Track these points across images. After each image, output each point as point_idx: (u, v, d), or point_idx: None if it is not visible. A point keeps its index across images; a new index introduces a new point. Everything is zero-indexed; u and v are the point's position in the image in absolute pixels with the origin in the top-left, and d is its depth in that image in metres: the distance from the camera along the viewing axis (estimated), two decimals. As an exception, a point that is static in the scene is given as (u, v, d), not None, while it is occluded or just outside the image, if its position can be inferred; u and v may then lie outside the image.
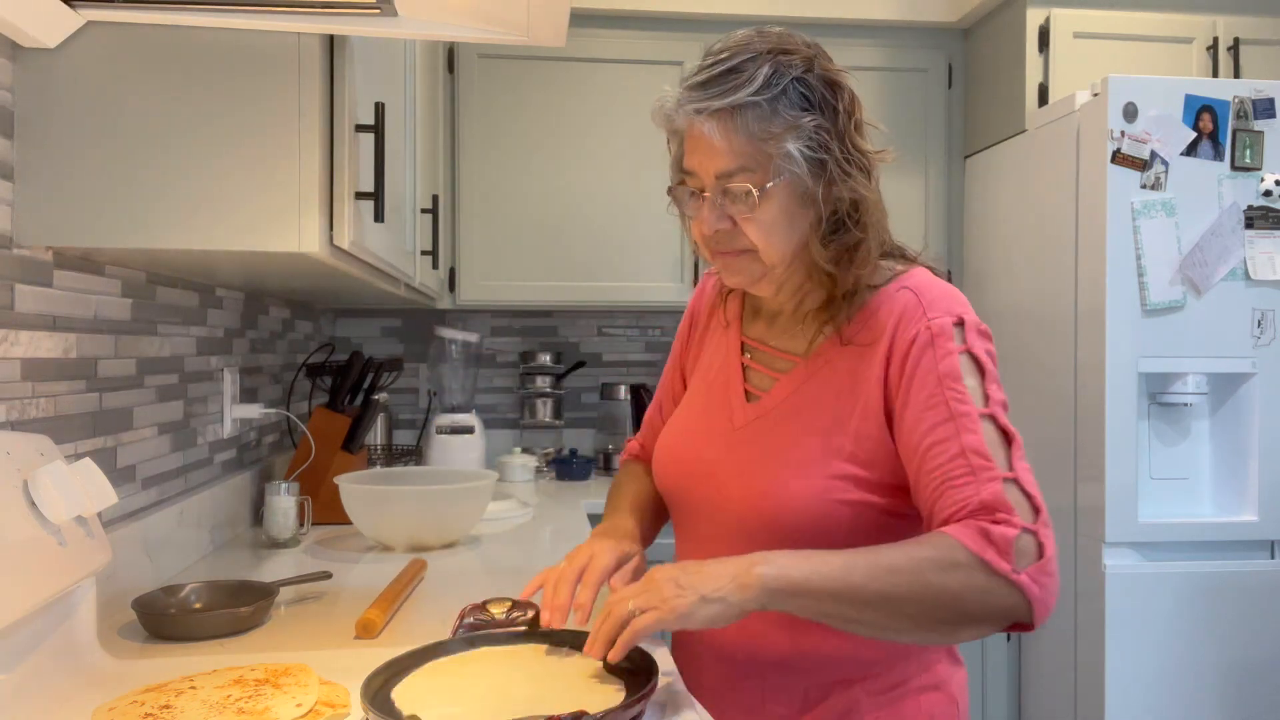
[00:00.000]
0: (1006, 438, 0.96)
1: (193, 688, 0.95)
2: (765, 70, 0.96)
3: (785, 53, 0.99)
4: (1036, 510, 0.92)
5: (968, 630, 0.92)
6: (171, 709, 0.90)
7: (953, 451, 0.94)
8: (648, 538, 1.21)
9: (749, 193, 0.98)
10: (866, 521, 1.01)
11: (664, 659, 1.03)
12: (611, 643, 0.91)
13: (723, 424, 1.12)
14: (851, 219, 1.01)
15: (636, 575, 1.09)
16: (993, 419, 0.96)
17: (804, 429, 1.04)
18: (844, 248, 1.02)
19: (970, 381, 0.98)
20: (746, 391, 1.13)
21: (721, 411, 1.13)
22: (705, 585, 0.89)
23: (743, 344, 1.16)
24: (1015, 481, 0.93)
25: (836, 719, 1.06)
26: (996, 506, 0.91)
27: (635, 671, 0.98)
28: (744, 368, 1.14)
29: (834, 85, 1.00)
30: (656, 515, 1.25)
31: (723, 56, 0.99)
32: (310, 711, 0.90)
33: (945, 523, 0.93)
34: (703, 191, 1.02)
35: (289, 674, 0.99)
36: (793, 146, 0.97)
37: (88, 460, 1.05)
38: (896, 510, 1.02)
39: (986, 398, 0.97)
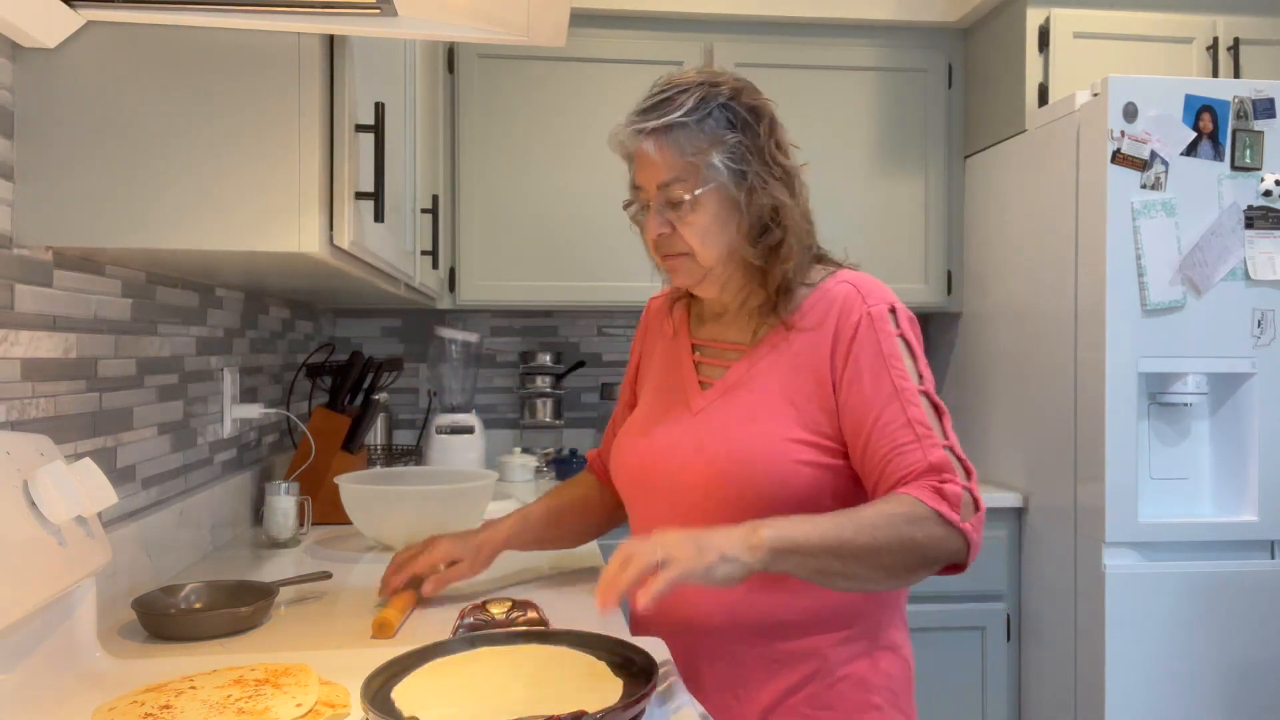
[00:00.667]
0: (938, 410, 1.13)
1: (192, 687, 0.95)
2: (694, 97, 1.15)
3: (714, 84, 1.17)
4: (969, 472, 1.10)
5: (923, 573, 1.07)
6: (171, 709, 0.90)
7: (900, 422, 1.10)
8: (512, 543, 1.41)
9: (682, 200, 1.15)
10: (823, 483, 1.14)
11: (664, 658, 1.03)
12: (621, 591, 0.95)
13: (680, 412, 1.25)
14: (774, 222, 1.17)
15: (437, 585, 1.34)
16: (926, 394, 1.13)
17: (759, 401, 1.17)
18: (769, 246, 1.17)
19: (907, 362, 1.14)
20: (700, 382, 1.26)
21: (678, 403, 1.26)
22: (723, 545, 0.97)
23: (693, 345, 1.30)
24: (950, 448, 1.10)
25: (805, 678, 1.17)
26: (942, 468, 1.08)
27: (635, 671, 0.98)
28: (696, 364, 1.28)
29: (755, 110, 1.18)
30: (548, 525, 1.44)
31: (661, 88, 1.19)
32: (310, 711, 0.90)
33: (900, 482, 1.08)
34: (648, 204, 1.19)
35: (289, 674, 0.99)
36: (717, 159, 1.14)
37: (88, 460, 1.05)
38: (845, 472, 1.16)
39: (920, 375, 1.14)
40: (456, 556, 1.36)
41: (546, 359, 2.94)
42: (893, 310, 1.17)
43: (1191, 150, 2.19)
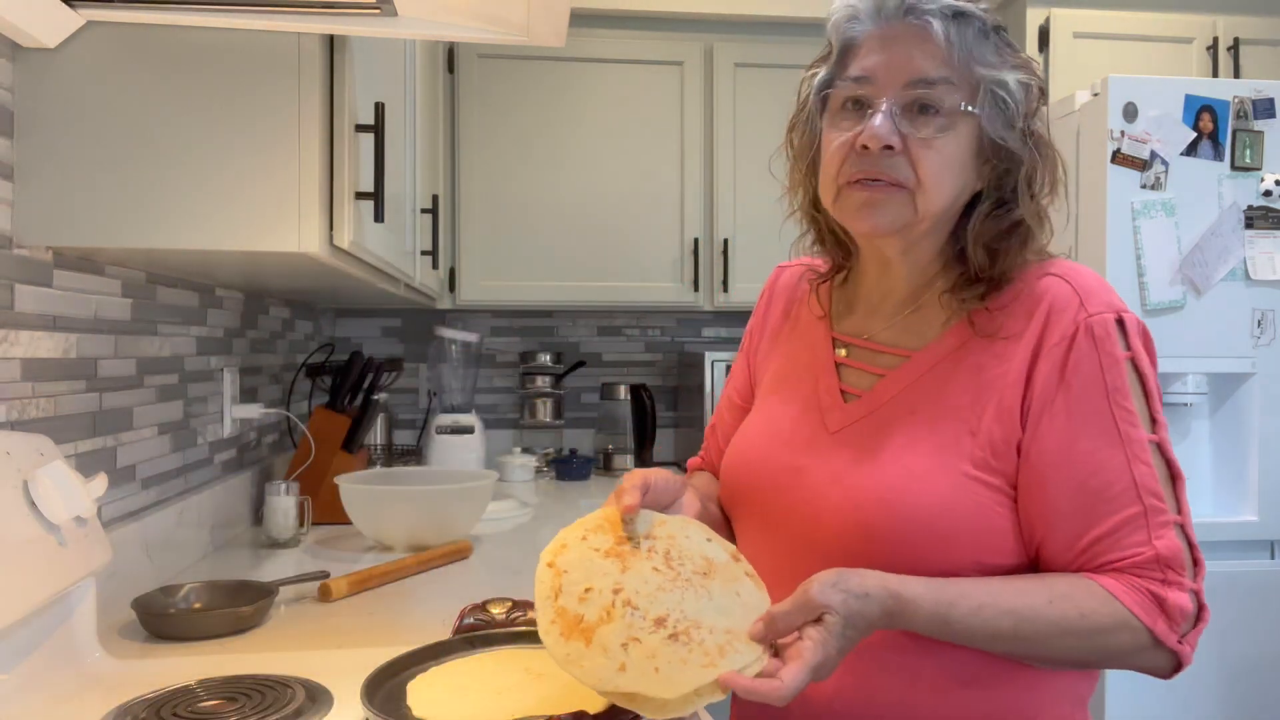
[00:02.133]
0: (1172, 472, 0.86)
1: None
2: (984, 4, 0.90)
3: (990, 11, 0.92)
4: (1197, 564, 0.84)
5: (1120, 667, 0.86)
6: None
7: (1122, 486, 0.83)
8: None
9: (940, 110, 0.86)
10: (995, 537, 0.86)
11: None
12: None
13: (813, 427, 0.96)
14: (1028, 193, 0.90)
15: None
16: (1160, 448, 0.86)
17: (921, 430, 0.89)
18: (999, 233, 0.90)
19: (1137, 401, 0.86)
20: (843, 392, 0.97)
21: (811, 414, 0.97)
22: (848, 650, 0.77)
23: (834, 340, 1.00)
24: (1182, 528, 0.84)
25: None
26: (1170, 563, 0.82)
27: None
28: (838, 367, 0.99)
29: (1030, 69, 0.92)
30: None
31: None
32: None
33: (1109, 566, 0.84)
34: (876, 103, 0.88)
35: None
36: (1011, 78, 0.87)
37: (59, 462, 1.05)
38: (1011, 513, 0.87)
39: (1154, 421, 0.86)
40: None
41: (546, 359, 2.94)
42: (1120, 322, 0.88)
43: (1191, 150, 2.19)
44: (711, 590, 0.82)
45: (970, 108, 0.87)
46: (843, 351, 0.99)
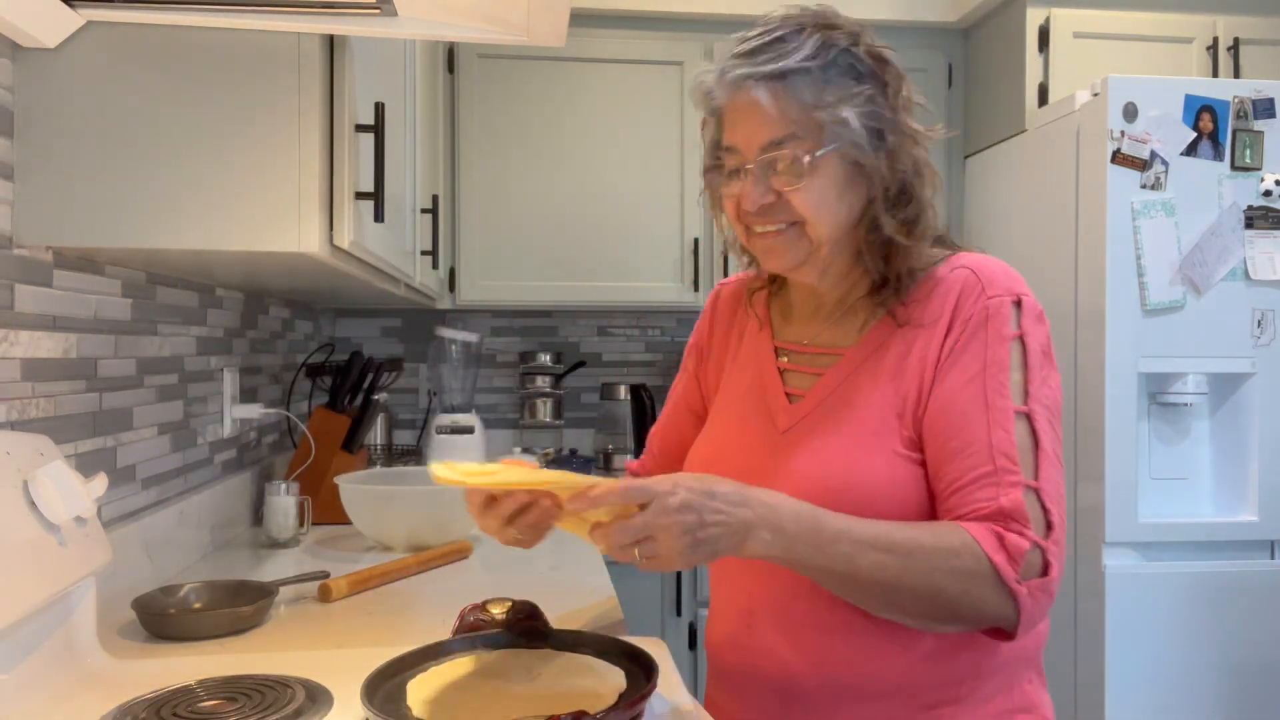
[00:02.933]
0: (1036, 440, 0.92)
1: None
2: (813, 40, 0.95)
3: (830, 26, 0.97)
4: (1050, 526, 0.91)
5: (951, 626, 0.93)
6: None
7: (980, 446, 0.91)
8: None
9: (798, 161, 0.94)
10: (930, 509, 0.96)
11: (663, 658, 1.03)
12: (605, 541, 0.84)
13: (764, 429, 1.05)
14: (910, 192, 0.98)
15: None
16: (1028, 418, 0.93)
17: (856, 419, 0.98)
18: (907, 221, 0.98)
19: (1014, 375, 0.94)
20: (788, 394, 1.05)
21: (761, 419, 1.06)
22: (717, 543, 0.83)
23: (776, 349, 1.10)
24: (1036, 492, 0.91)
25: None
26: (1014, 516, 0.89)
27: (635, 671, 0.98)
28: (781, 372, 1.07)
29: (880, 59, 0.98)
30: None
31: (769, 28, 0.97)
32: None
33: (960, 520, 0.91)
34: (745, 168, 0.98)
35: None
36: (849, 113, 0.94)
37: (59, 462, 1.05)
38: None
39: (1026, 394, 0.93)
40: None
41: (546, 359, 2.94)
42: (1017, 304, 0.96)
43: (1191, 150, 2.19)
44: None
45: (819, 152, 0.95)
46: (785, 359, 1.09)
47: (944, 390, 0.95)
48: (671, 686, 0.99)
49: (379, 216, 1.34)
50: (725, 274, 2.73)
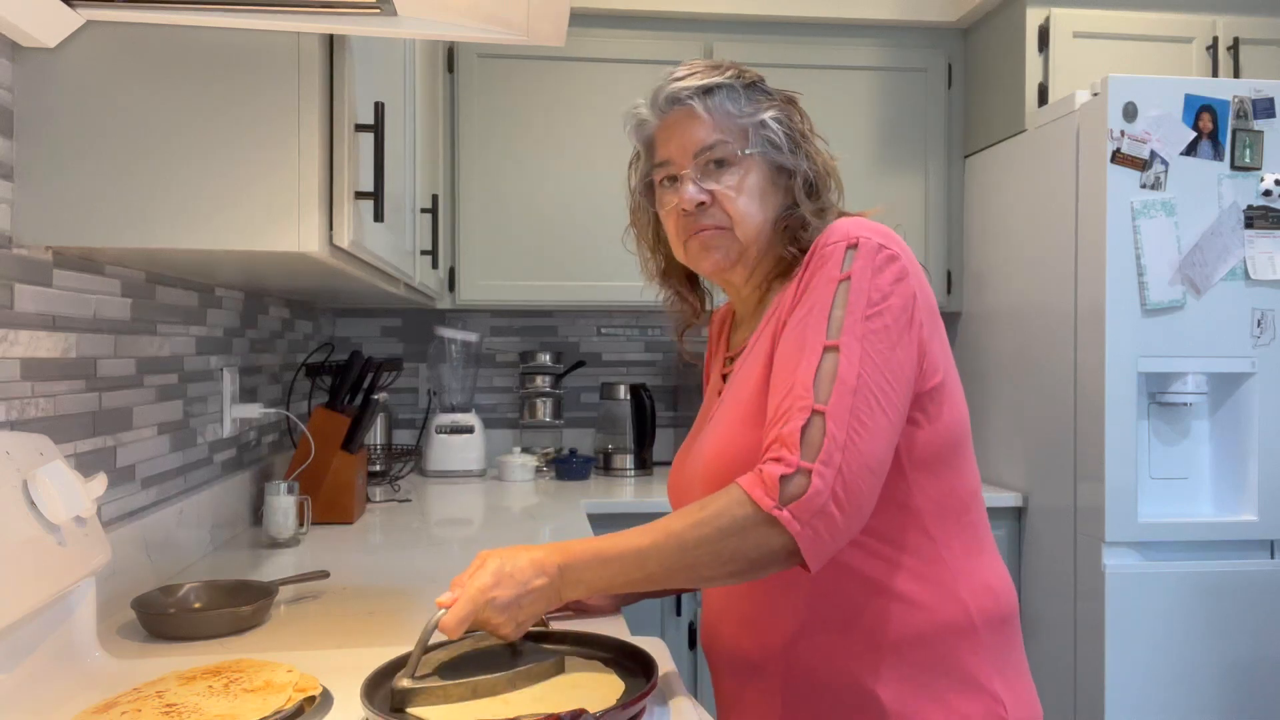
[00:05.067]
0: (838, 373, 0.93)
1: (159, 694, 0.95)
2: (730, 73, 1.12)
3: (741, 70, 1.13)
4: (822, 450, 0.90)
5: (760, 572, 0.94)
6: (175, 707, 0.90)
7: (788, 380, 0.96)
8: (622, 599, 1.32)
9: (726, 161, 1.08)
10: None
11: (663, 658, 1.04)
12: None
13: (701, 427, 1.18)
14: (824, 187, 1.11)
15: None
16: (836, 350, 0.94)
17: (736, 397, 1.08)
18: (820, 209, 1.10)
19: (835, 311, 0.97)
20: (720, 392, 1.17)
21: (704, 418, 1.19)
22: (518, 613, 0.96)
23: (727, 357, 1.21)
24: (823, 416, 0.92)
25: None
26: (784, 443, 0.92)
27: (635, 671, 0.98)
28: (724, 375, 1.19)
29: (788, 98, 1.14)
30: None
31: (689, 67, 1.13)
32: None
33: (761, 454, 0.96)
34: (680, 174, 1.10)
35: (253, 667, 1.00)
36: (768, 117, 1.08)
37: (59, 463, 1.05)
38: None
39: (841, 328, 0.95)
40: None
41: (546, 359, 2.94)
42: (853, 246, 0.99)
43: (1191, 150, 2.19)
44: None
45: (746, 151, 1.08)
46: (728, 362, 1.20)
47: (779, 343, 1.01)
48: (671, 686, 0.99)
49: (379, 216, 1.34)
50: (725, 274, 2.74)
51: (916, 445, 1.00)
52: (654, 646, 1.06)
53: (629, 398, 2.87)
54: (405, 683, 0.93)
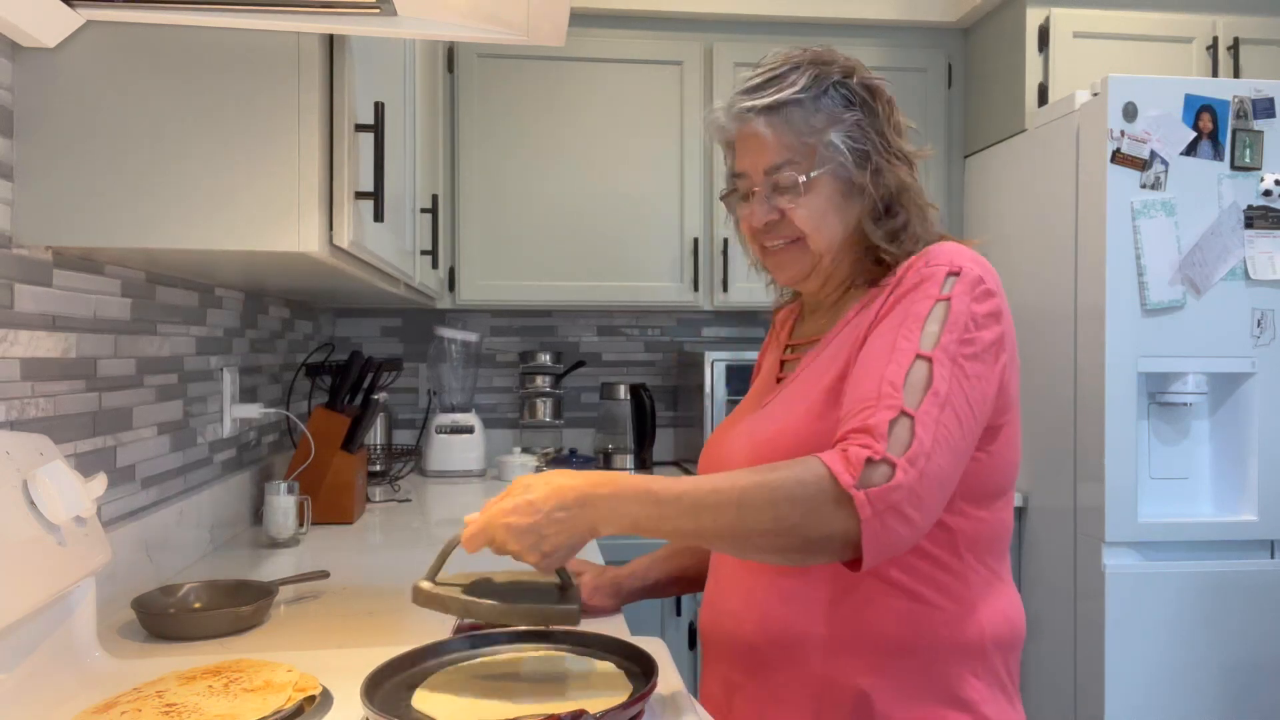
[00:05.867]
0: (931, 384, 0.92)
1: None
2: (807, 75, 1.06)
3: (825, 63, 1.08)
4: (909, 450, 0.88)
5: (809, 557, 0.91)
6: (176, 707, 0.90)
7: (872, 379, 0.94)
8: (636, 575, 1.32)
9: (795, 182, 1.05)
10: None
11: (663, 658, 1.04)
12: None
13: (751, 410, 1.17)
14: (898, 204, 1.07)
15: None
16: (929, 362, 0.93)
17: (804, 388, 1.07)
18: (891, 231, 1.07)
19: (931, 327, 0.95)
20: (779, 379, 1.17)
21: (754, 403, 1.19)
22: (541, 543, 0.92)
23: (787, 346, 1.21)
24: (911, 419, 0.89)
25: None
26: (869, 431, 0.89)
27: (635, 671, 0.98)
28: (782, 363, 1.19)
29: (872, 90, 1.08)
30: (676, 553, 1.32)
31: (769, 66, 1.09)
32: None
33: (835, 440, 0.93)
34: (752, 191, 1.09)
35: (251, 667, 1.00)
36: (836, 137, 1.05)
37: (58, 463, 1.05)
38: None
39: (936, 342, 0.94)
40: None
41: (546, 359, 2.94)
42: (955, 274, 0.99)
43: (1191, 150, 2.19)
44: None
45: (814, 173, 1.06)
46: (789, 350, 1.19)
47: (866, 344, 1.00)
48: (671, 686, 0.99)
49: (379, 216, 1.34)
50: (725, 274, 2.74)
51: (970, 475, 0.99)
52: (654, 646, 1.06)
53: (629, 398, 2.87)
54: (423, 584, 0.99)
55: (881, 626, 1.00)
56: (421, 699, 0.93)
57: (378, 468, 2.59)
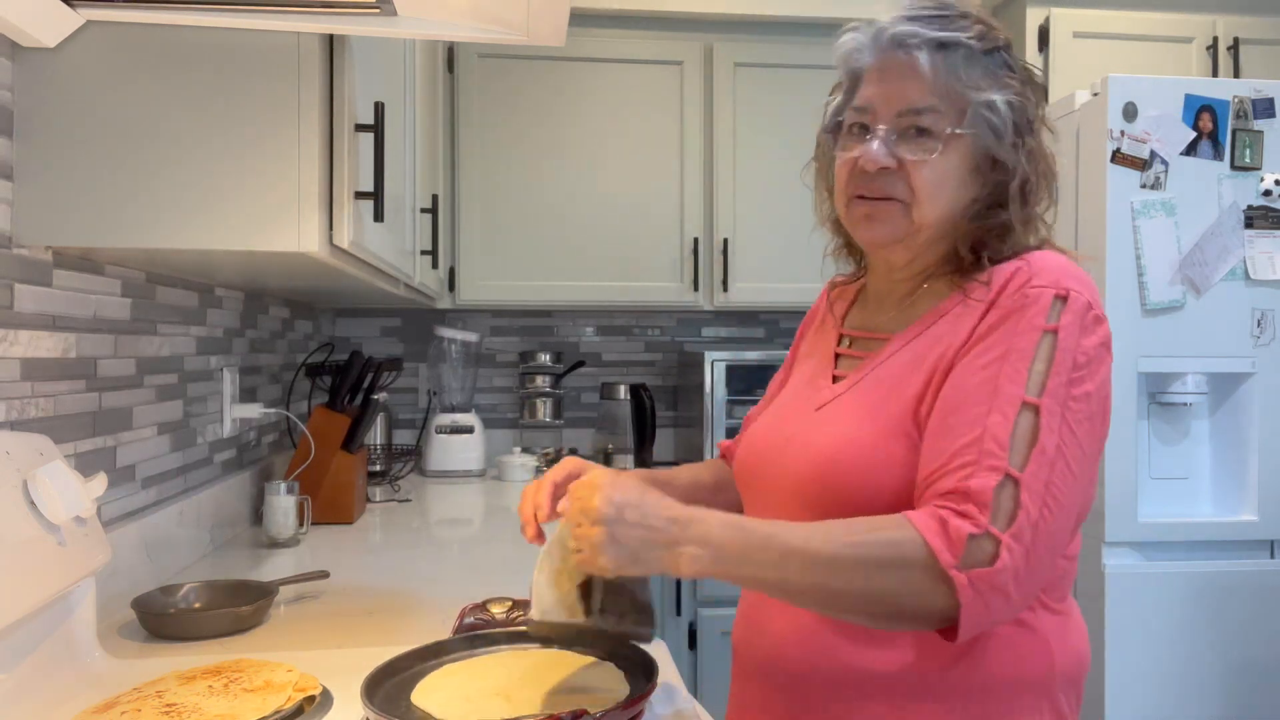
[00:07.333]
0: (1037, 438, 0.84)
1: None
2: (978, 27, 0.97)
3: (990, 25, 0.99)
4: (1015, 523, 0.81)
5: (901, 624, 0.87)
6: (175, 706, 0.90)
7: (975, 427, 0.85)
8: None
9: (930, 133, 0.93)
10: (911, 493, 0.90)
11: (663, 658, 1.03)
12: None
13: (803, 409, 1.05)
14: (1040, 191, 0.97)
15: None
16: (1036, 411, 0.85)
17: (874, 400, 0.96)
18: (988, 229, 0.96)
19: (1036, 365, 0.87)
20: (835, 376, 1.05)
21: (805, 398, 1.06)
22: (642, 551, 0.84)
23: (840, 336, 1.10)
24: (1016, 484, 0.82)
25: None
26: (972, 498, 0.82)
27: (635, 672, 0.98)
28: (837, 356, 1.07)
29: (1029, 72, 0.99)
30: (687, 493, 1.14)
31: (934, 5, 0.97)
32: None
33: (926, 499, 0.86)
34: (874, 127, 0.96)
35: (252, 667, 1.00)
36: (999, 98, 0.93)
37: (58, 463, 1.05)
38: None
39: (1044, 388, 0.86)
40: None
41: (546, 359, 2.94)
42: (1062, 298, 0.89)
43: (1191, 150, 2.18)
44: None
45: (958, 130, 0.93)
46: (845, 343, 1.08)
47: (959, 370, 0.90)
48: (671, 686, 0.99)
49: (379, 216, 1.34)
50: (725, 274, 2.74)
51: None
52: (654, 646, 1.06)
53: (629, 398, 2.87)
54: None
55: (942, 664, 0.90)
56: (421, 697, 0.93)
57: (378, 468, 2.59)
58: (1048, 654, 0.93)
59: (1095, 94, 2.24)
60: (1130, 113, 2.17)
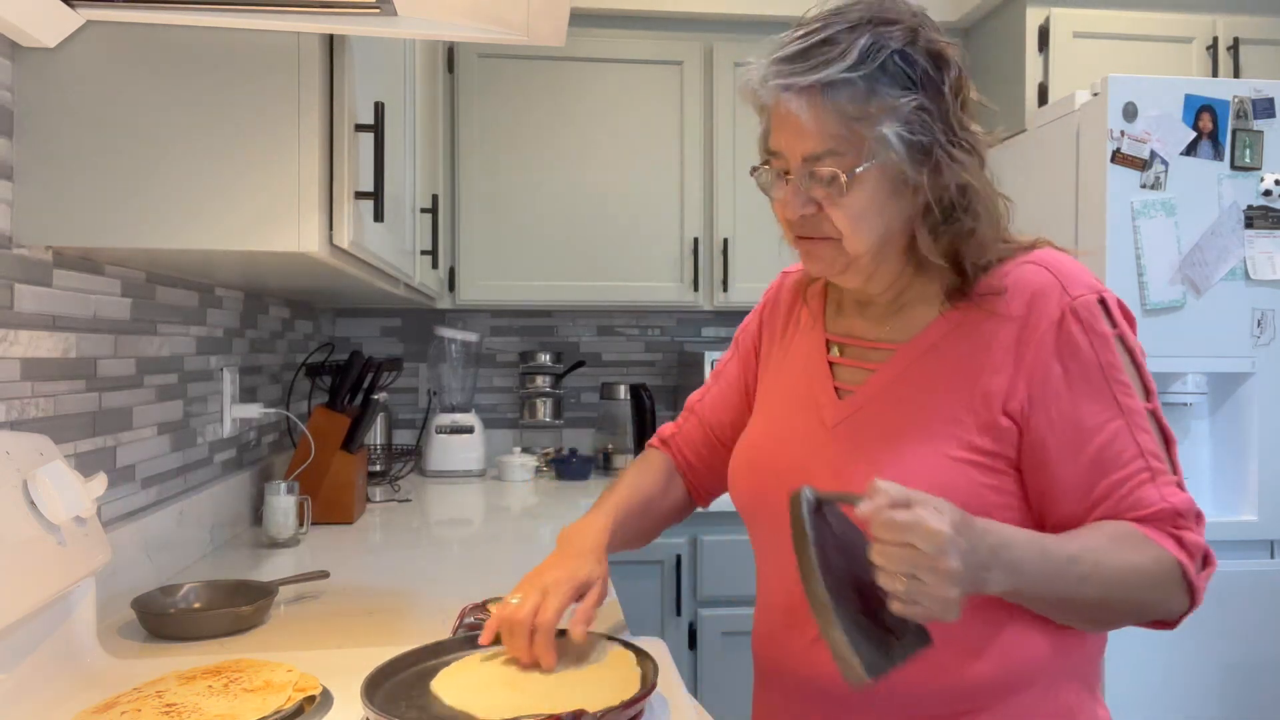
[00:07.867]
0: (1166, 438, 0.93)
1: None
2: (862, 42, 0.88)
3: (886, 22, 0.91)
4: (1199, 516, 0.92)
5: (1129, 624, 0.96)
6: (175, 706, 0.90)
7: (1131, 451, 0.90)
8: (626, 542, 1.13)
9: (836, 177, 0.89)
10: (989, 514, 0.86)
11: (663, 658, 1.03)
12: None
13: (811, 425, 1.01)
14: (960, 206, 0.92)
15: (598, 602, 1.03)
16: (1154, 415, 0.93)
17: (910, 419, 0.94)
18: (957, 237, 0.93)
19: (1130, 372, 0.92)
20: (836, 389, 1.01)
21: (808, 413, 1.02)
22: (967, 586, 0.78)
23: (828, 341, 1.05)
24: (1180, 483, 0.92)
25: None
26: (1183, 514, 0.90)
27: (645, 656, 0.99)
28: (831, 365, 1.03)
29: (940, 59, 0.93)
30: (644, 515, 1.16)
31: (816, 26, 0.90)
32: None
33: (1123, 519, 0.91)
34: (788, 173, 0.93)
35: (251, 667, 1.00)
36: (889, 130, 0.88)
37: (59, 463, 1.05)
38: (1006, 490, 0.92)
39: (1147, 390, 0.93)
40: (581, 581, 1.04)
41: (546, 359, 2.94)
42: (1102, 301, 0.93)
43: (1191, 150, 2.19)
44: None
45: (858, 169, 0.89)
46: (836, 351, 1.04)
47: (1062, 405, 0.90)
48: (671, 686, 0.99)
49: (379, 216, 1.34)
50: (725, 274, 2.74)
51: None
52: (654, 646, 1.06)
53: (629, 398, 2.87)
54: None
55: (986, 666, 0.92)
56: (438, 685, 0.94)
57: (378, 468, 2.59)
58: (1083, 641, 1.01)
59: (1095, 94, 2.24)
60: (1130, 113, 2.17)
